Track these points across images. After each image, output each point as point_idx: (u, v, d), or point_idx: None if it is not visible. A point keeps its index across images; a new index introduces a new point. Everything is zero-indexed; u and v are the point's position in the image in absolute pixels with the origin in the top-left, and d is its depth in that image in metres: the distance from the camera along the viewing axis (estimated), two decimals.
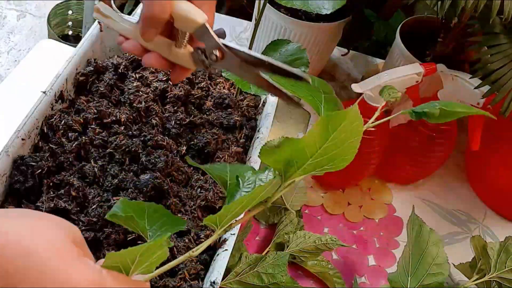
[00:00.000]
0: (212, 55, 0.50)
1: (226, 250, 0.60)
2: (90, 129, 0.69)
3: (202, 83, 0.79)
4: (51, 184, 0.64)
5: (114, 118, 0.71)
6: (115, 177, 0.65)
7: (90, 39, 0.78)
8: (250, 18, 1.08)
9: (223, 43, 0.50)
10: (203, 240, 0.63)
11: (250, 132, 0.76)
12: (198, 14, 0.48)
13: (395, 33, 0.89)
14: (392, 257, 0.80)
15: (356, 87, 0.72)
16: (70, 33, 1.37)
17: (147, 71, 0.76)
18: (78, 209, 0.63)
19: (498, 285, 0.69)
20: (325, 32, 0.91)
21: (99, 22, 0.79)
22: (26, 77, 0.93)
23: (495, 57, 0.69)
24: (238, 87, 0.79)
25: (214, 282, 0.57)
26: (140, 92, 0.73)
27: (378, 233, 0.82)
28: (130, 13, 1.45)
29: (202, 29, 0.48)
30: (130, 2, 1.55)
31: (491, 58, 0.69)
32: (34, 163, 0.65)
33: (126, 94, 0.74)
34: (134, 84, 0.74)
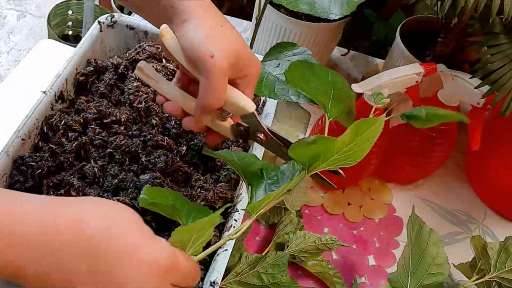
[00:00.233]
0: (257, 137, 0.57)
1: (226, 250, 0.60)
2: (90, 129, 0.69)
3: None
4: (51, 184, 0.64)
5: (114, 118, 0.70)
6: (115, 177, 0.65)
7: (90, 39, 0.78)
8: (250, 18, 1.08)
9: (268, 128, 0.56)
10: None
11: None
12: (248, 104, 0.53)
13: (395, 33, 0.89)
14: (392, 257, 0.80)
15: (356, 87, 0.72)
16: (70, 33, 1.37)
17: None
18: None
19: (498, 285, 0.69)
20: (325, 32, 0.91)
21: (100, 23, 0.79)
22: (26, 77, 0.93)
23: (495, 57, 0.69)
24: None
25: (214, 282, 0.57)
26: (140, 92, 0.73)
27: (378, 233, 0.82)
28: (130, 13, 1.45)
29: (250, 115, 0.54)
30: None
31: (491, 58, 0.69)
32: (34, 163, 0.65)
33: (126, 94, 0.74)
34: (134, 84, 0.74)
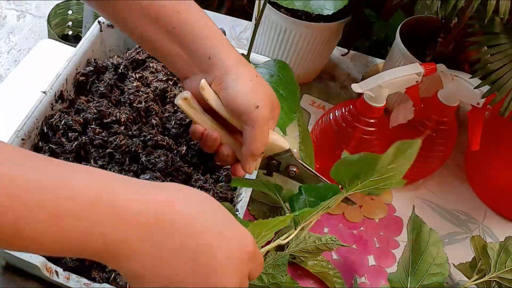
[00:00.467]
0: (291, 171, 0.63)
1: None
2: (90, 129, 0.70)
3: None
4: None
5: (114, 118, 0.71)
6: None
7: (90, 39, 0.78)
8: (250, 18, 1.08)
9: (300, 161, 0.62)
10: None
11: None
12: (284, 142, 0.60)
13: (395, 33, 0.89)
14: (392, 257, 0.80)
15: (356, 87, 0.72)
16: (70, 33, 1.37)
17: (147, 71, 0.76)
18: None
19: (498, 285, 0.69)
20: (325, 32, 0.91)
21: (100, 23, 0.79)
22: (26, 77, 0.93)
23: (495, 57, 0.69)
24: None
25: None
26: (140, 92, 0.73)
27: (378, 233, 0.82)
28: None
29: (286, 151, 0.60)
30: None
31: (491, 58, 0.69)
32: None
33: (126, 94, 0.74)
34: (134, 84, 0.74)
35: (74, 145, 0.67)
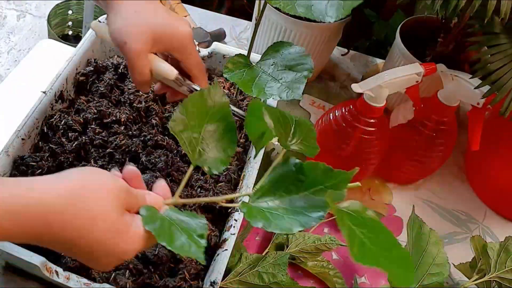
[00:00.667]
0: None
1: (226, 250, 0.60)
2: (90, 129, 0.69)
3: None
4: None
5: (114, 118, 0.71)
6: None
7: (90, 39, 0.78)
8: (250, 18, 1.08)
9: (194, 87, 0.62)
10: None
11: None
12: (170, 71, 0.60)
13: (395, 33, 0.89)
14: None
15: (356, 87, 0.72)
16: (70, 33, 1.37)
17: None
18: None
19: (498, 285, 0.69)
20: (325, 32, 0.91)
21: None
22: (26, 77, 0.93)
23: (495, 57, 0.69)
24: (238, 87, 0.79)
25: (214, 282, 0.57)
26: (140, 92, 0.73)
27: None
28: None
29: (178, 80, 0.61)
30: None
31: (491, 58, 0.69)
32: (34, 163, 0.65)
33: (126, 94, 0.74)
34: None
35: (74, 145, 0.67)
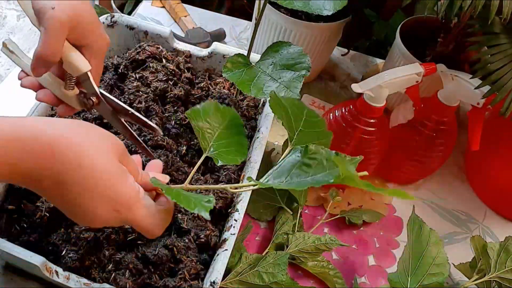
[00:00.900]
0: (90, 100, 0.59)
1: (226, 250, 0.60)
2: None
3: (202, 83, 0.79)
4: None
5: None
6: None
7: None
8: (250, 18, 1.08)
9: (100, 92, 0.57)
10: (203, 240, 0.63)
11: (250, 132, 0.76)
12: (83, 63, 0.55)
13: (395, 33, 0.89)
14: (392, 257, 0.80)
15: (356, 87, 0.72)
16: None
17: (147, 71, 0.76)
18: None
19: (498, 285, 0.69)
20: (325, 32, 0.91)
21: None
22: None
23: (495, 57, 0.69)
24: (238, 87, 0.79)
25: (214, 282, 0.57)
26: (140, 92, 0.73)
27: (378, 233, 0.82)
28: (130, 13, 1.45)
29: (84, 76, 0.55)
30: (130, 2, 1.55)
31: (491, 58, 0.69)
32: None
33: (126, 94, 0.74)
34: (134, 84, 0.74)
35: None
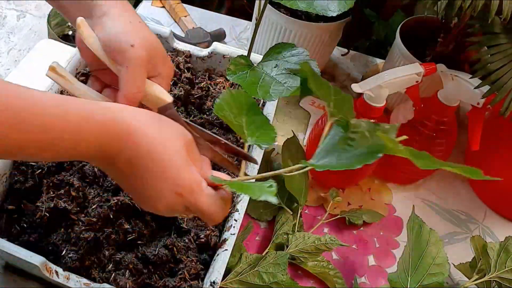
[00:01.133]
0: None
1: (226, 250, 0.60)
2: None
3: (202, 83, 0.79)
4: (51, 184, 0.64)
5: None
6: None
7: None
8: (250, 18, 1.08)
9: (186, 121, 0.56)
10: (203, 240, 0.63)
11: None
12: (166, 94, 0.55)
13: (395, 33, 0.89)
14: (392, 257, 0.80)
15: (356, 87, 0.72)
16: (70, 33, 1.37)
17: None
18: (78, 209, 0.63)
19: (498, 285, 0.69)
20: (325, 32, 0.91)
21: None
22: (26, 77, 0.93)
23: (495, 57, 0.69)
24: (238, 86, 0.79)
25: (214, 282, 0.57)
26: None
27: (378, 233, 0.82)
28: None
29: (169, 106, 0.55)
30: (130, 2, 1.55)
31: (491, 58, 0.69)
32: (34, 163, 0.65)
33: None
34: None
35: None
